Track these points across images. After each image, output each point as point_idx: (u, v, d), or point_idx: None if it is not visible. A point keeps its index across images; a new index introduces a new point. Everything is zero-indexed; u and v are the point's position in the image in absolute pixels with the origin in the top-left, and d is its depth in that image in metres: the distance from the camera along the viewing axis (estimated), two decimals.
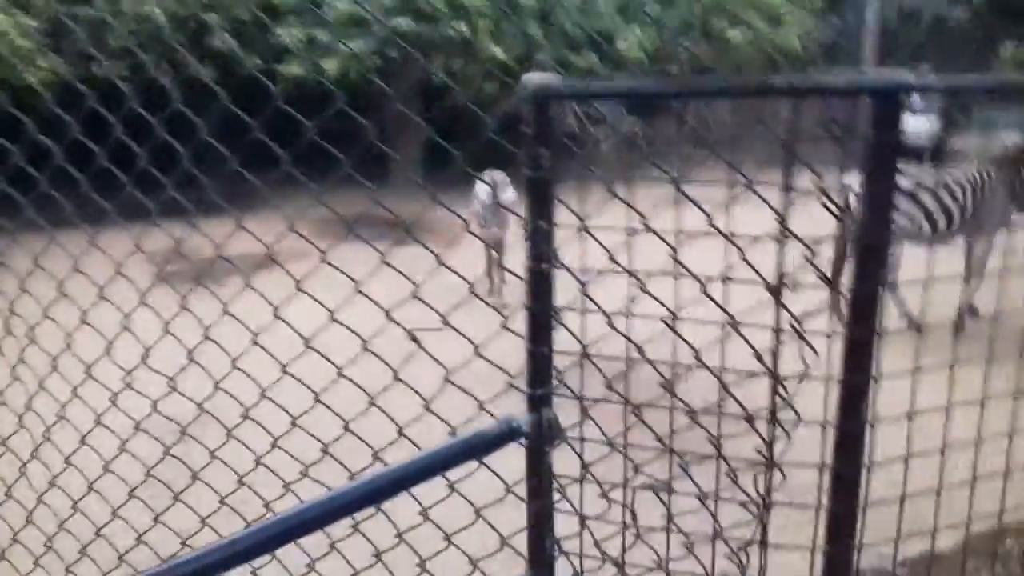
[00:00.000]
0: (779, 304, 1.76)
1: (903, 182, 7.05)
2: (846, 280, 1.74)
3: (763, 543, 1.90)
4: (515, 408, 1.92)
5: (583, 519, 2.02)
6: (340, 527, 1.95)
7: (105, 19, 12.54)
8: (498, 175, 8.62)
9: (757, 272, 1.72)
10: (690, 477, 1.91)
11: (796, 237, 1.71)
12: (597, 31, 15.15)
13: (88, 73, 12.26)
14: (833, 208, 1.73)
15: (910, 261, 7.06)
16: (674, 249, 1.81)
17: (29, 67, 11.70)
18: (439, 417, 2.06)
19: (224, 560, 1.83)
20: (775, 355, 1.78)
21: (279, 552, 1.76)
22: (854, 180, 6.95)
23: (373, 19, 13.40)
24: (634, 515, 2.00)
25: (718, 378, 1.84)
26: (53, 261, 2.48)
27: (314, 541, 1.96)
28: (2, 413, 2.88)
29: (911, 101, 15.07)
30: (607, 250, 1.86)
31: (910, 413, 1.91)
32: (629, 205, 1.83)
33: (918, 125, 15.07)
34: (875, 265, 1.73)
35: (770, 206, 1.71)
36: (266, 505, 2.23)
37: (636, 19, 15.71)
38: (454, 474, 1.89)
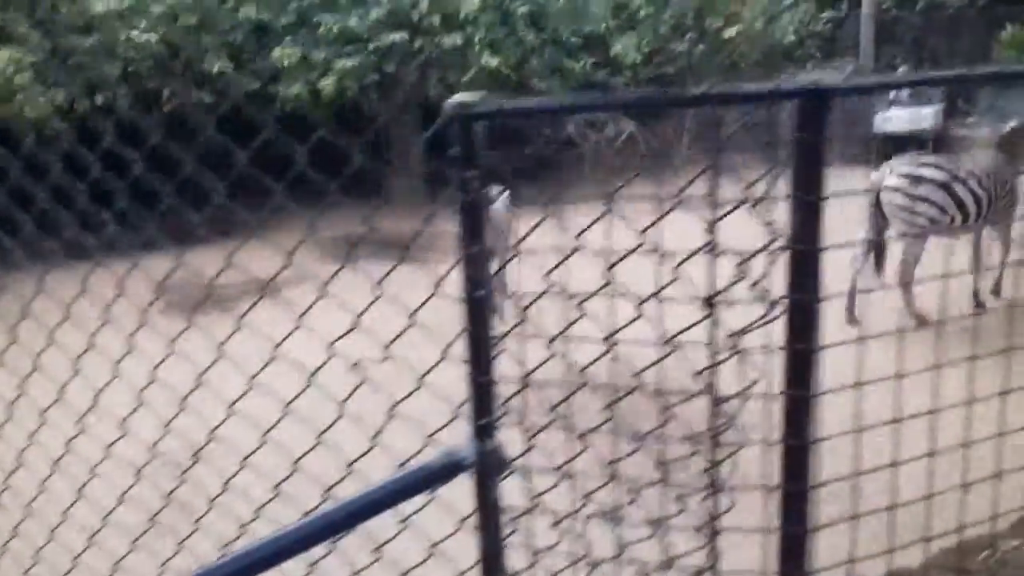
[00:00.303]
0: (713, 320, 1.71)
1: (935, 173, 6.98)
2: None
3: (713, 568, 1.85)
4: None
5: (535, 552, 1.98)
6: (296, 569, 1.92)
7: (101, 48, 12.61)
8: (495, 189, 8.50)
9: (686, 292, 1.68)
10: (636, 504, 1.87)
11: (724, 251, 1.66)
12: (591, 35, 15.09)
13: (86, 105, 12.39)
14: (763, 218, 1.68)
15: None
16: (609, 269, 1.77)
17: (27, 103, 11.76)
18: (389, 451, 2.02)
19: None
20: (713, 373, 1.74)
21: None
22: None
23: (366, 35, 13.41)
24: (586, 545, 1.95)
25: (659, 401, 1.79)
26: (39, 300, 2.45)
27: None
28: None
29: (896, 95, 14.96)
30: (546, 272, 1.82)
31: (858, 428, 1.86)
32: (562, 226, 1.79)
33: (920, 116, 14.93)
34: (809, 273, 1.68)
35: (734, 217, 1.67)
36: (224, 547, 2.20)
37: (630, 22, 15.66)
38: (408, 507, 1.86)
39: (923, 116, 14.92)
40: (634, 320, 1.76)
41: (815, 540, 1.76)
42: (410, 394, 1.98)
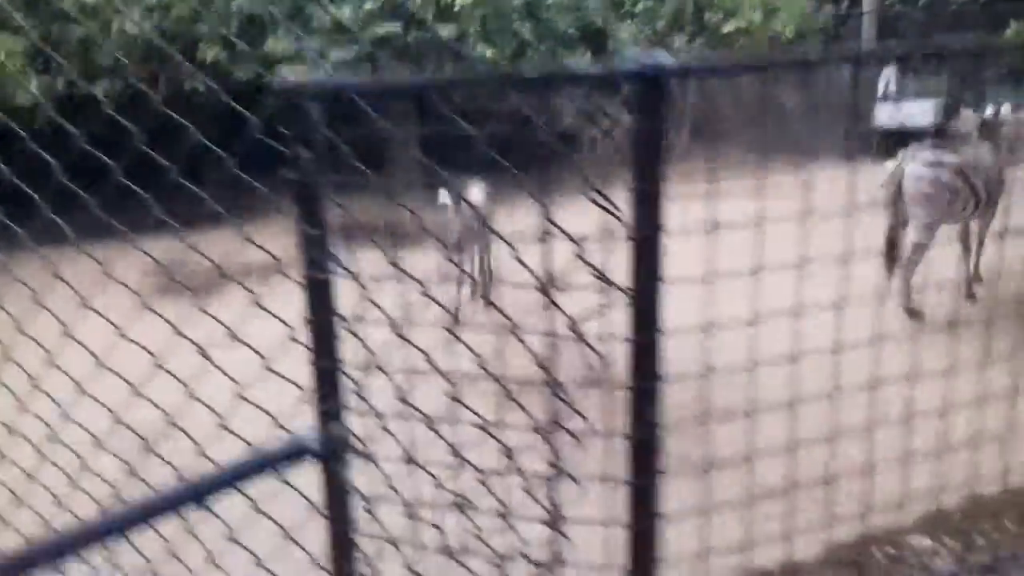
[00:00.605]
0: (554, 305, 1.65)
1: (954, 160, 6.86)
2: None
3: (560, 560, 1.79)
4: None
5: (387, 540, 1.93)
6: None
7: (94, 37, 12.61)
8: (472, 180, 8.33)
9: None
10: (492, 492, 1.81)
11: (559, 238, 1.60)
12: (589, 28, 14.98)
13: (79, 92, 12.37)
14: (607, 207, 1.61)
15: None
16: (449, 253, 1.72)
17: (18, 89, 11.76)
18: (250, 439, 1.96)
19: None
20: (552, 361, 1.68)
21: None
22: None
23: (359, 26, 13.37)
24: (440, 532, 1.90)
25: (502, 386, 1.74)
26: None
27: None
28: None
29: (887, 88, 14.84)
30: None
31: (702, 416, 1.79)
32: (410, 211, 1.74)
33: (922, 109, 14.79)
34: (650, 262, 1.62)
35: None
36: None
37: (628, 15, 15.56)
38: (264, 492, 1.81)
39: (925, 110, 14.79)
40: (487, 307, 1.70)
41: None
42: (257, 381, 1.92)
